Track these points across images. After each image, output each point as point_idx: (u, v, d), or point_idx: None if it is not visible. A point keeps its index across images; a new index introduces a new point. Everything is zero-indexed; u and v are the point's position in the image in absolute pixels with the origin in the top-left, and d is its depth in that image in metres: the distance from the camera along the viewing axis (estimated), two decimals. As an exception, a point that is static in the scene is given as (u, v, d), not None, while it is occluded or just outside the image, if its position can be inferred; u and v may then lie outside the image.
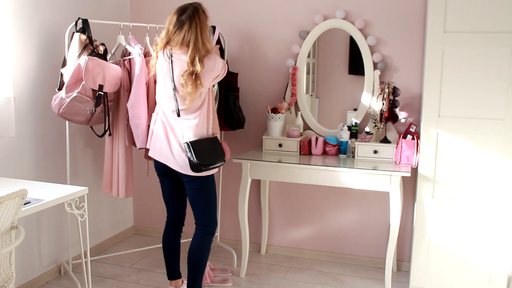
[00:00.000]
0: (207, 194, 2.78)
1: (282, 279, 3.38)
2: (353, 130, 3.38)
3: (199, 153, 2.63)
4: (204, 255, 2.84)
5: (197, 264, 2.82)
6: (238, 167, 3.31)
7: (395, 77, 3.36)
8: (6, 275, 2.08)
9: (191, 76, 2.58)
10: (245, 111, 3.62)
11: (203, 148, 2.66)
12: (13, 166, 2.95)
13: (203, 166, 2.63)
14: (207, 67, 2.62)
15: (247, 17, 3.65)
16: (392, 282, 3.14)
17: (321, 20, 3.45)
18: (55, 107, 2.91)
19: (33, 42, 3.05)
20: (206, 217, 2.81)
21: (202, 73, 2.60)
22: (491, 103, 2.81)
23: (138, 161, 3.71)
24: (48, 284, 3.24)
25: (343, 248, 3.68)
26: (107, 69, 2.91)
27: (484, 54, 2.79)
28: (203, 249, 2.83)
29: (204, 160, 2.63)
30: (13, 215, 2.02)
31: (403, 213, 3.38)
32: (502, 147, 2.82)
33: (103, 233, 3.86)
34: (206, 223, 2.82)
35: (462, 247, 2.96)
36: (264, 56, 3.66)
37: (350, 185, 3.07)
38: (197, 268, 2.82)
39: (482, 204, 2.89)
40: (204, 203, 2.79)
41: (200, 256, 2.82)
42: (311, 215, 3.72)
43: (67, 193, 2.46)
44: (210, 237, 2.84)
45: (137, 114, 3.01)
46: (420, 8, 3.26)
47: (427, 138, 2.94)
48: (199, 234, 2.83)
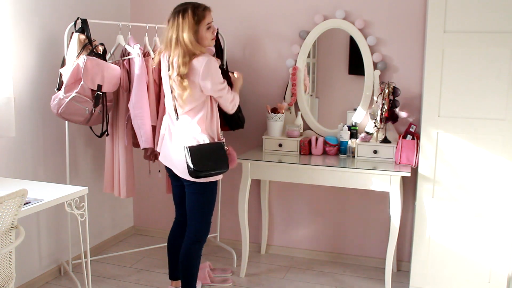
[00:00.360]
0: (203, 201, 2.71)
1: (282, 279, 3.38)
2: (353, 130, 3.38)
3: (197, 158, 2.57)
4: (193, 264, 2.78)
5: (187, 273, 2.77)
6: (238, 167, 3.30)
7: (395, 77, 3.36)
8: (6, 275, 2.08)
9: (177, 77, 2.54)
10: (245, 111, 3.62)
11: (203, 153, 2.59)
12: (13, 166, 2.95)
13: (199, 172, 2.57)
14: (192, 69, 2.53)
15: (247, 17, 3.65)
16: (392, 282, 3.14)
17: (321, 20, 3.45)
18: (54, 107, 2.91)
19: (32, 42, 3.05)
20: (197, 225, 2.74)
21: (188, 74, 2.53)
22: (491, 103, 2.81)
23: (138, 161, 3.71)
24: (48, 284, 3.24)
25: (343, 248, 3.68)
26: (106, 69, 2.91)
27: (484, 54, 2.79)
28: (191, 258, 2.76)
29: (200, 166, 2.56)
30: (13, 215, 2.01)
31: (403, 213, 3.38)
32: (502, 147, 2.82)
33: (103, 233, 3.86)
34: (196, 231, 2.75)
35: (462, 247, 2.96)
36: (264, 56, 3.66)
37: (350, 185, 3.07)
38: (188, 276, 2.77)
39: (482, 204, 2.89)
40: (198, 209, 2.72)
41: (189, 265, 2.76)
42: (311, 215, 3.72)
43: (67, 193, 2.46)
44: (197, 245, 2.77)
45: (139, 114, 3.01)
46: (420, 8, 3.26)
47: (427, 138, 2.94)
48: (187, 242, 2.76)
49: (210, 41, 2.64)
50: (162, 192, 3.87)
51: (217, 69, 2.59)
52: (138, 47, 3.06)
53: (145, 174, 3.67)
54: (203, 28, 2.57)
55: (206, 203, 2.73)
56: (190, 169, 2.56)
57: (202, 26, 2.57)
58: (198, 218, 2.74)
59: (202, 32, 2.58)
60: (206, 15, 2.58)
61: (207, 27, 2.60)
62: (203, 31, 2.58)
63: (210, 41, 2.64)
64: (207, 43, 2.62)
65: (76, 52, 2.93)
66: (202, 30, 2.57)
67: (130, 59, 3.09)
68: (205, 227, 2.77)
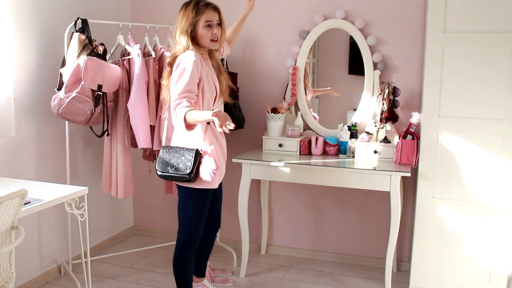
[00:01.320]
0: (183, 207, 2.65)
1: (282, 279, 3.38)
2: (353, 130, 3.38)
3: (160, 160, 2.58)
4: (180, 268, 2.71)
5: (178, 277, 2.73)
6: (238, 167, 3.30)
7: (395, 77, 3.36)
8: (6, 275, 2.08)
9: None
10: (245, 111, 3.62)
11: (169, 156, 2.55)
12: (13, 166, 2.95)
13: (160, 174, 2.57)
14: (175, 65, 2.50)
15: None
16: (392, 282, 3.14)
17: (321, 20, 3.45)
18: (55, 107, 2.91)
19: (32, 42, 3.05)
20: (181, 229, 2.69)
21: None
22: (491, 103, 2.81)
23: (137, 161, 3.71)
24: (48, 284, 3.24)
25: (343, 248, 3.68)
26: (106, 69, 2.91)
27: (484, 54, 2.78)
28: (178, 261, 2.71)
29: (159, 168, 2.57)
30: (13, 215, 2.02)
31: (403, 213, 3.38)
32: (502, 147, 2.82)
33: (103, 233, 3.86)
34: (181, 235, 2.70)
35: (462, 247, 2.95)
36: (264, 56, 3.66)
37: (350, 185, 3.07)
38: (179, 281, 2.74)
39: (482, 204, 2.89)
40: (181, 214, 2.67)
41: (177, 269, 2.72)
42: (311, 215, 3.72)
43: (67, 193, 2.46)
44: (185, 250, 2.69)
45: (137, 114, 3.01)
46: (420, 8, 3.26)
47: (427, 138, 2.94)
48: (176, 247, 2.73)
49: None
50: (162, 192, 3.87)
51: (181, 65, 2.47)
52: (138, 47, 3.06)
53: (144, 174, 3.67)
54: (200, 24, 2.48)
55: (188, 209, 2.64)
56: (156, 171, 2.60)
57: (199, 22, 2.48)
58: (182, 223, 2.68)
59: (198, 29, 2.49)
60: (206, 11, 2.49)
61: (206, 24, 2.49)
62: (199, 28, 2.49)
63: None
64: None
65: (77, 52, 2.93)
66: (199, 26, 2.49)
67: (130, 59, 3.10)
68: (191, 232, 2.67)
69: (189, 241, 2.69)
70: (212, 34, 2.53)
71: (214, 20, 2.53)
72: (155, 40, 3.31)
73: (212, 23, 2.52)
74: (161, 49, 3.21)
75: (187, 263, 2.73)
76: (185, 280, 2.75)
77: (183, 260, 2.71)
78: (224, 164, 2.73)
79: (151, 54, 3.17)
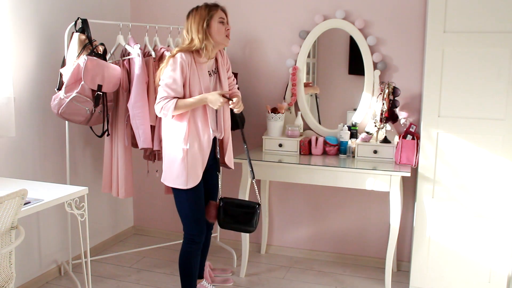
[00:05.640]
0: (179, 206, 2.73)
1: (282, 279, 3.38)
2: (353, 130, 3.38)
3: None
4: (185, 263, 2.76)
5: (182, 272, 2.77)
6: (238, 167, 3.30)
7: (395, 77, 3.36)
8: (6, 275, 2.08)
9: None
10: (245, 111, 3.61)
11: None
12: (13, 166, 2.95)
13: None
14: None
15: (246, 17, 3.65)
16: (392, 282, 3.14)
17: (321, 20, 3.45)
18: (55, 107, 2.91)
19: (32, 42, 3.05)
20: (184, 225, 2.76)
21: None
22: (491, 103, 2.81)
23: (138, 161, 3.71)
24: (48, 284, 3.24)
25: (343, 248, 3.68)
26: (107, 69, 2.91)
27: (484, 54, 2.79)
28: (184, 256, 2.76)
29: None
30: (13, 215, 2.02)
31: (403, 213, 3.38)
32: (502, 147, 2.82)
33: (103, 233, 3.86)
34: (185, 230, 2.77)
35: (462, 247, 2.96)
36: (264, 56, 3.66)
37: (350, 185, 3.07)
38: (183, 276, 2.78)
39: (482, 204, 2.89)
40: (179, 213, 2.76)
41: (182, 264, 2.77)
42: (311, 215, 3.72)
43: (67, 193, 2.46)
44: (191, 245, 2.75)
45: (138, 114, 3.01)
46: (420, 8, 3.26)
47: (427, 138, 2.94)
48: (183, 241, 2.79)
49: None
50: (161, 192, 3.86)
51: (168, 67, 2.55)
52: (138, 47, 3.06)
53: (144, 174, 3.67)
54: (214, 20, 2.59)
55: (182, 207, 2.73)
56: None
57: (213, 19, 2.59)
58: (183, 220, 2.76)
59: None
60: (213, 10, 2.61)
61: (220, 20, 2.60)
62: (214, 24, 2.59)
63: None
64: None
65: (77, 52, 2.93)
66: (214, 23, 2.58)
67: (130, 59, 3.09)
68: (193, 226, 2.74)
69: (193, 235, 2.75)
70: (226, 30, 2.62)
71: (225, 19, 2.65)
72: (155, 40, 3.31)
73: (224, 21, 2.63)
74: (161, 49, 3.21)
75: (192, 257, 2.77)
76: (189, 276, 2.78)
77: (188, 254, 2.76)
78: (201, 164, 2.68)
79: (151, 54, 3.17)
